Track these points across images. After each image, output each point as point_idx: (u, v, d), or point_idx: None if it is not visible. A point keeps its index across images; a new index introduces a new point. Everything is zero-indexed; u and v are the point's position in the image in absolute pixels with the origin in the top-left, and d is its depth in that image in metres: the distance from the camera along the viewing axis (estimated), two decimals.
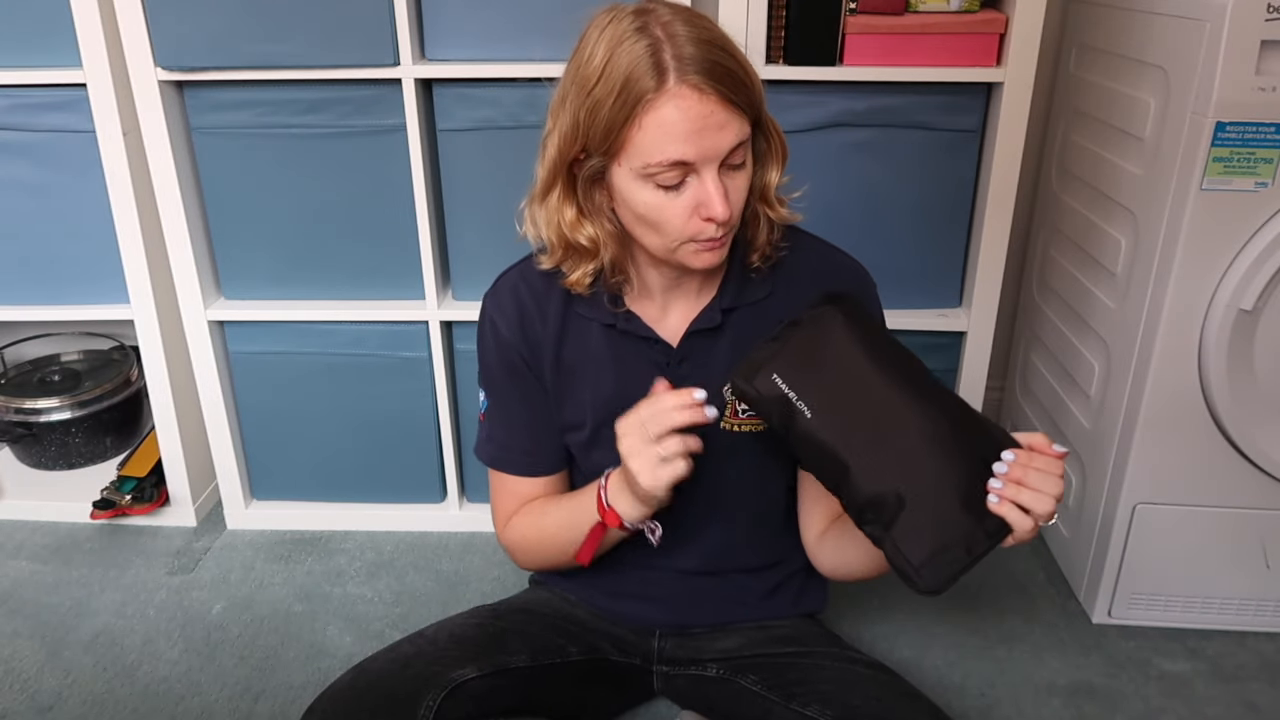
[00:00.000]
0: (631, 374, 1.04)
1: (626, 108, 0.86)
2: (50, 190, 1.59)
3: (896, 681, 1.07)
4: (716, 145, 0.87)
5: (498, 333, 1.07)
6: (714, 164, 0.88)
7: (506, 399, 1.10)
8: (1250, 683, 1.38)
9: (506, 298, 1.06)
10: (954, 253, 1.55)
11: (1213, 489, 1.38)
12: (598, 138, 0.89)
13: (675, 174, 0.88)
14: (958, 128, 1.45)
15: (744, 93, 0.88)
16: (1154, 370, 1.33)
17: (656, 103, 0.85)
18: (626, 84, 0.86)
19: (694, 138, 0.86)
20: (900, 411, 0.89)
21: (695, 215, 0.90)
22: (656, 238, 0.93)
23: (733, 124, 0.87)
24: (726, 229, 0.92)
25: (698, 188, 0.89)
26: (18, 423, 1.83)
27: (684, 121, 0.85)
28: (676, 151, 0.86)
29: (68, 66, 1.47)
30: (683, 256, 0.94)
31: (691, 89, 0.85)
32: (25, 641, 1.48)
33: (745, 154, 0.91)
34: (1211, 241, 1.26)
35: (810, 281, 1.04)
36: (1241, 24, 1.16)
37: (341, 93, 1.47)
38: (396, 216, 1.54)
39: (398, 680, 1.02)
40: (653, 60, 0.85)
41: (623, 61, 0.86)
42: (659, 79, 0.85)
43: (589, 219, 0.96)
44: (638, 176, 0.89)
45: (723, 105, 0.86)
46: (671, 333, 1.04)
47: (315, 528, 1.76)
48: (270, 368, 1.66)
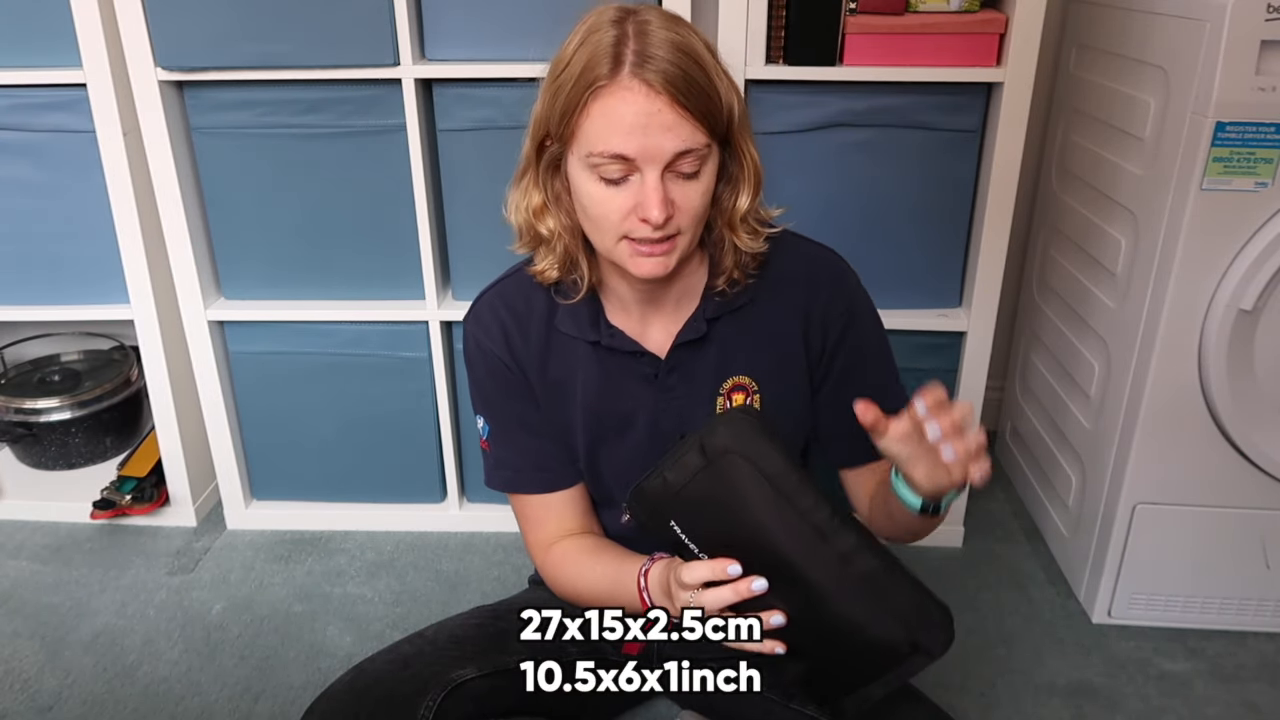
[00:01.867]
0: (620, 388, 1.03)
1: (580, 92, 0.86)
2: (50, 190, 1.59)
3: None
4: (660, 145, 0.85)
5: (485, 351, 1.05)
6: (657, 165, 0.86)
7: (506, 419, 1.08)
8: (1250, 683, 1.38)
9: (488, 317, 1.04)
10: (954, 253, 1.55)
11: (1213, 489, 1.38)
12: (556, 121, 0.89)
13: (617, 168, 0.87)
14: (958, 128, 1.45)
15: (702, 103, 0.86)
16: (1154, 370, 1.33)
17: (605, 91, 0.85)
18: (584, 70, 0.85)
19: (637, 133, 0.84)
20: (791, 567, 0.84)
21: (633, 215, 0.88)
22: (597, 233, 0.92)
23: (681, 129, 0.85)
24: (665, 234, 0.89)
25: (638, 187, 0.87)
26: (18, 423, 1.83)
27: (629, 115, 0.84)
28: (618, 144, 0.85)
29: (68, 66, 1.47)
30: (621, 258, 0.92)
31: (643, 84, 0.84)
32: (25, 641, 1.48)
33: (700, 166, 0.89)
34: (1211, 241, 1.26)
35: (792, 282, 1.03)
36: (1241, 24, 1.16)
37: (341, 93, 1.47)
38: (396, 216, 1.54)
39: (397, 680, 1.02)
40: (614, 51, 0.85)
41: (587, 48, 0.86)
42: (614, 69, 0.84)
43: (551, 209, 0.95)
44: (585, 166, 0.88)
45: (673, 107, 0.84)
46: (655, 346, 1.03)
47: (315, 528, 1.76)
48: (270, 368, 1.66)
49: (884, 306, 1.51)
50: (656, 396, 1.03)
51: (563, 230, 0.96)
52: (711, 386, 1.03)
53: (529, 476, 1.08)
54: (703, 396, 1.03)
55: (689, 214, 0.90)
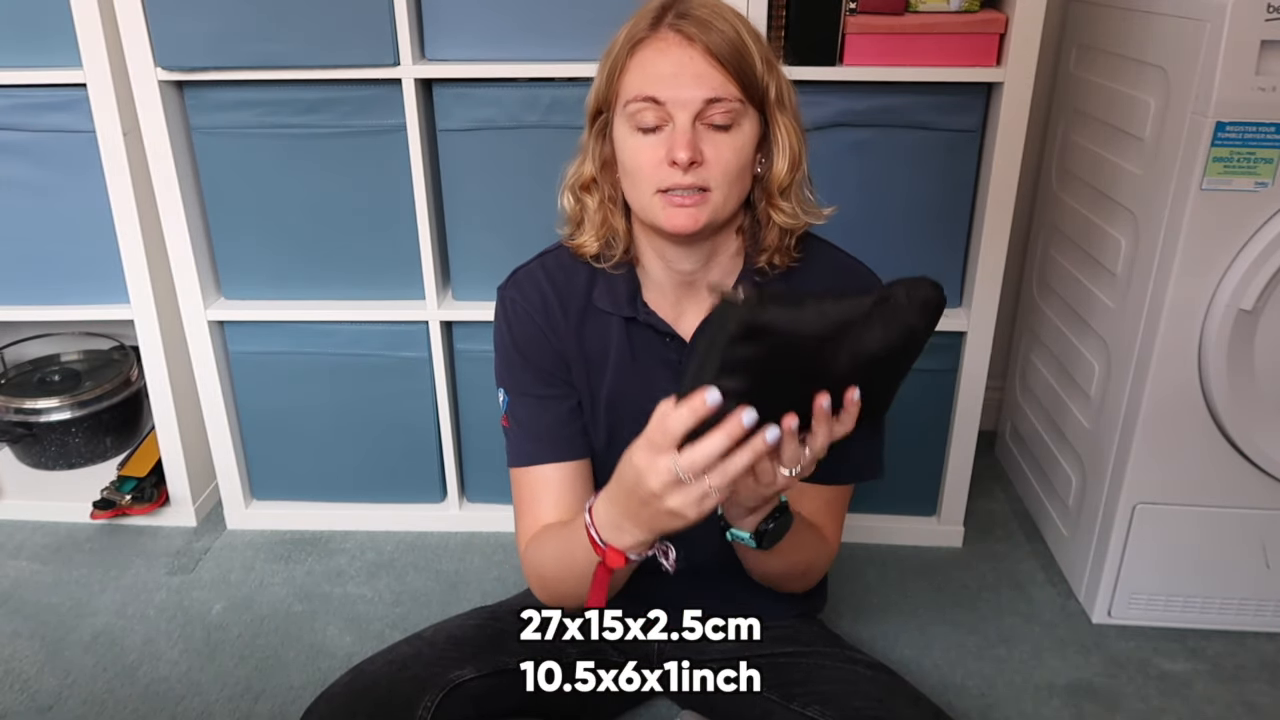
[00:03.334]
0: (644, 370, 1.04)
1: (625, 50, 0.92)
2: (50, 190, 1.59)
3: (897, 682, 1.06)
4: (692, 93, 0.89)
5: (521, 315, 1.05)
6: (688, 111, 0.89)
7: (526, 387, 1.06)
8: (1250, 683, 1.38)
9: (528, 284, 1.06)
10: (954, 253, 1.55)
11: (1213, 489, 1.38)
12: (604, 89, 0.95)
13: (652, 114, 0.90)
14: (958, 128, 1.45)
15: (736, 60, 0.90)
16: (1154, 370, 1.33)
17: (644, 43, 0.91)
18: (630, 33, 0.92)
19: (669, 79, 0.89)
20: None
21: (664, 162, 0.91)
22: (634, 189, 0.95)
23: (713, 78, 0.89)
24: (693, 181, 0.91)
25: (670, 134, 0.91)
26: (18, 423, 1.83)
27: (662, 62, 0.90)
28: (650, 87, 0.90)
29: (68, 66, 1.47)
30: (655, 213, 0.94)
31: (678, 34, 0.90)
32: (25, 641, 1.48)
33: (733, 119, 0.92)
34: (1211, 241, 1.25)
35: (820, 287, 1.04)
36: (1241, 24, 1.16)
37: (341, 93, 1.47)
38: (396, 217, 1.54)
39: (395, 682, 1.02)
40: (656, 13, 0.92)
41: (635, 16, 0.93)
42: (654, 25, 0.91)
43: (598, 181, 0.99)
44: (624, 119, 0.93)
45: (705, 57, 0.89)
46: (685, 330, 1.04)
47: (315, 528, 1.76)
48: (270, 368, 1.66)
49: None
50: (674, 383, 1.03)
51: (605, 199, 1.00)
52: None
53: (547, 447, 1.06)
54: None
55: (720, 167, 0.92)
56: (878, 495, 1.63)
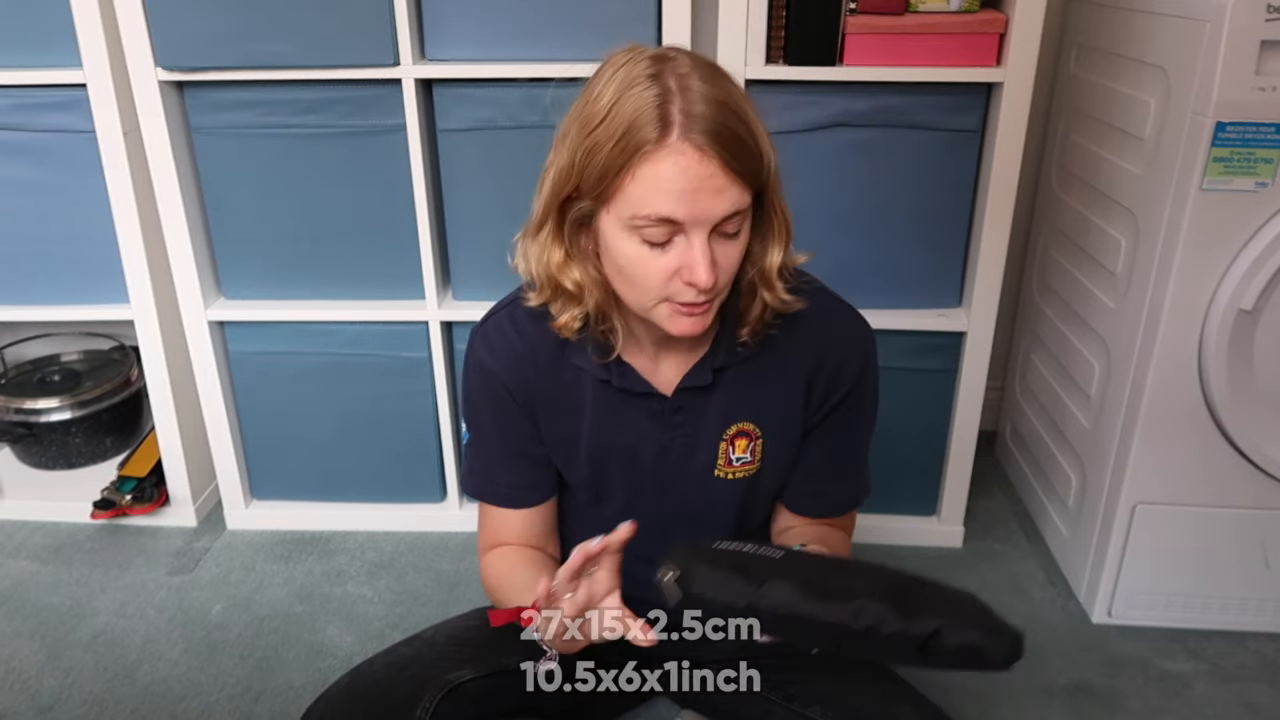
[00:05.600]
0: (627, 424, 1.03)
1: (624, 155, 0.82)
2: (50, 190, 1.59)
3: (897, 682, 1.07)
4: (710, 209, 0.83)
5: (489, 372, 1.03)
6: (705, 228, 0.84)
7: (488, 433, 1.07)
8: (1250, 683, 1.38)
9: (497, 339, 1.03)
10: (954, 253, 1.55)
11: (1213, 489, 1.38)
12: (591, 180, 0.85)
13: (663, 231, 0.84)
14: (958, 128, 1.45)
15: (749, 162, 0.84)
16: (1154, 370, 1.33)
17: (655, 155, 0.82)
18: (628, 131, 0.82)
19: (687, 198, 0.82)
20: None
21: (677, 277, 0.86)
22: (634, 293, 0.90)
23: (731, 191, 0.83)
24: (708, 298, 0.88)
25: (684, 249, 0.85)
26: (18, 423, 1.83)
27: (680, 179, 0.81)
28: (667, 209, 0.82)
29: (68, 66, 1.47)
30: (659, 318, 0.90)
31: (694, 148, 0.81)
32: (25, 641, 1.48)
33: (741, 224, 0.87)
34: (1211, 241, 1.26)
35: (808, 338, 1.01)
36: (1241, 24, 1.16)
37: (341, 93, 1.47)
38: (396, 216, 1.54)
39: (395, 683, 1.01)
40: (659, 111, 0.81)
41: (628, 106, 0.82)
42: (662, 131, 0.81)
43: (576, 262, 0.92)
44: (625, 227, 0.86)
45: (724, 170, 0.82)
46: (665, 383, 1.02)
47: (315, 528, 1.76)
48: (270, 368, 1.66)
49: (884, 306, 1.53)
50: (662, 433, 1.03)
51: (592, 285, 0.93)
52: (716, 430, 1.02)
53: (500, 491, 1.09)
54: (708, 438, 1.03)
55: (728, 273, 0.89)
56: (878, 495, 1.61)
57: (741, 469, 1.05)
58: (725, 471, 1.05)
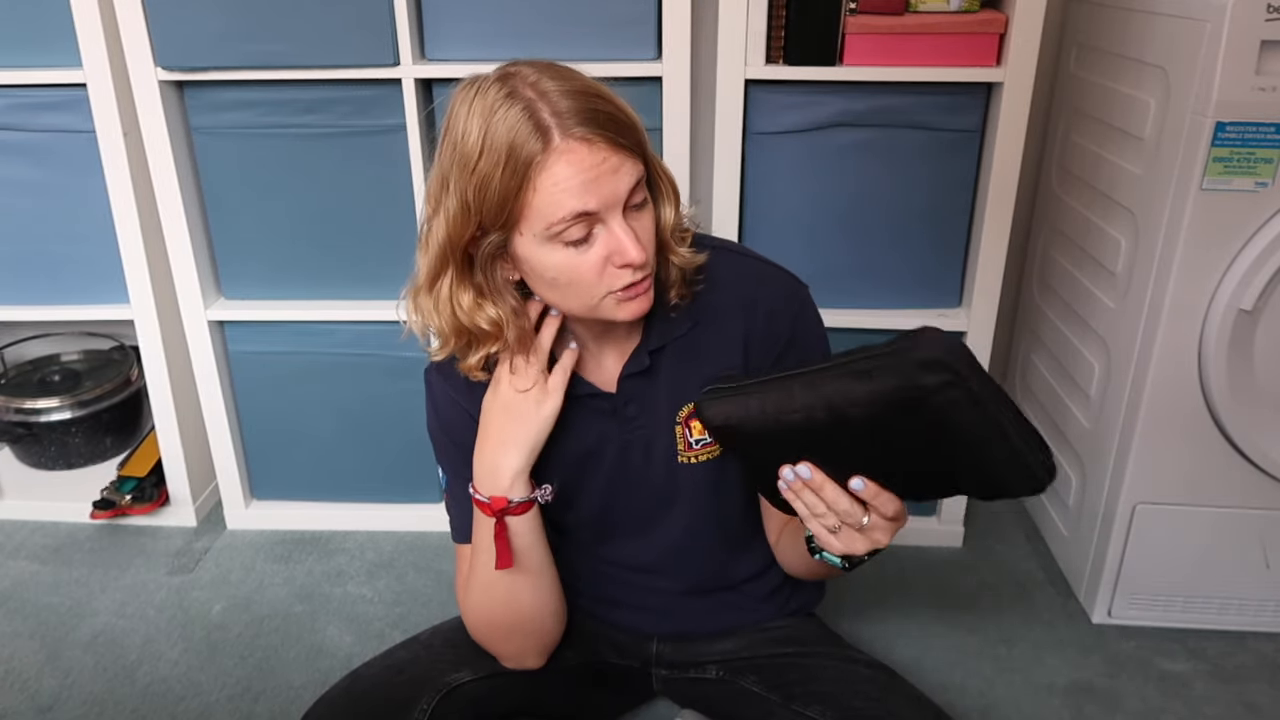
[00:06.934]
0: (584, 427, 1.02)
1: (517, 175, 0.83)
2: (50, 190, 1.59)
3: (897, 682, 1.06)
4: (615, 190, 0.84)
5: (443, 399, 1.04)
6: (617, 209, 0.85)
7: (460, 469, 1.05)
8: (1250, 683, 1.38)
9: (447, 364, 1.02)
10: (954, 253, 1.55)
11: (1213, 489, 1.38)
12: (492, 212, 0.85)
13: (580, 228, 0.85)
14: (958, 128, 1.45)
15: (629, 134, 0.85)
16: (1154, 370, 1.33)
17: (546, 162, 0.82)
18: (511, 151, 0.82)
19: (592, 187, 0.83)
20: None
21: (609, 265, 0.87)
22: (575, 298, 0.90)
23: (626, 165, 0.85)
24: (646, 273, 0.89)
25: (606, 237, 0.86)
26: (18, 423, 1.83)
27: (578, 174, 0.83)
28: (578, 204, 0.83)
29: (68, 66, 1.47)
30: (606, 311, 0.90)
31: (579, 141, 0.82)
32: (25, 641, 1.48)
33: (644, 192, 0.89)
34: (1211, 241, 1.25)
35: (733, 305, 1.01)
36: (1241, 24, 1.16)
37: (341, 93, 1.47)
38: (396, 216, 1.54)
39: (393, 686, 1.02)
40: (532, 122, 0.82)
41: (501, 130, 0.83)
42: (544, 139, 0.82)
43: (489, 299, 0.92)
44: (543, 241, 0.86)
45: (613, 150, 0.84)
46: (609, 381, 1.02)
47: (315, 528, 1.76)
48: (270, 368, 1.66)
49: (884, 306, 1.53)
50: (620, 429, 1.03)
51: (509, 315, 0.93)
52: (669, 414, 1.02)
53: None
54: (663, 425, 1.03)
55: (652, 242, 0.90)
56: None
57: (703, 451, 1.04)
58: (687, 456, 1.04)
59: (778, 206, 1.50)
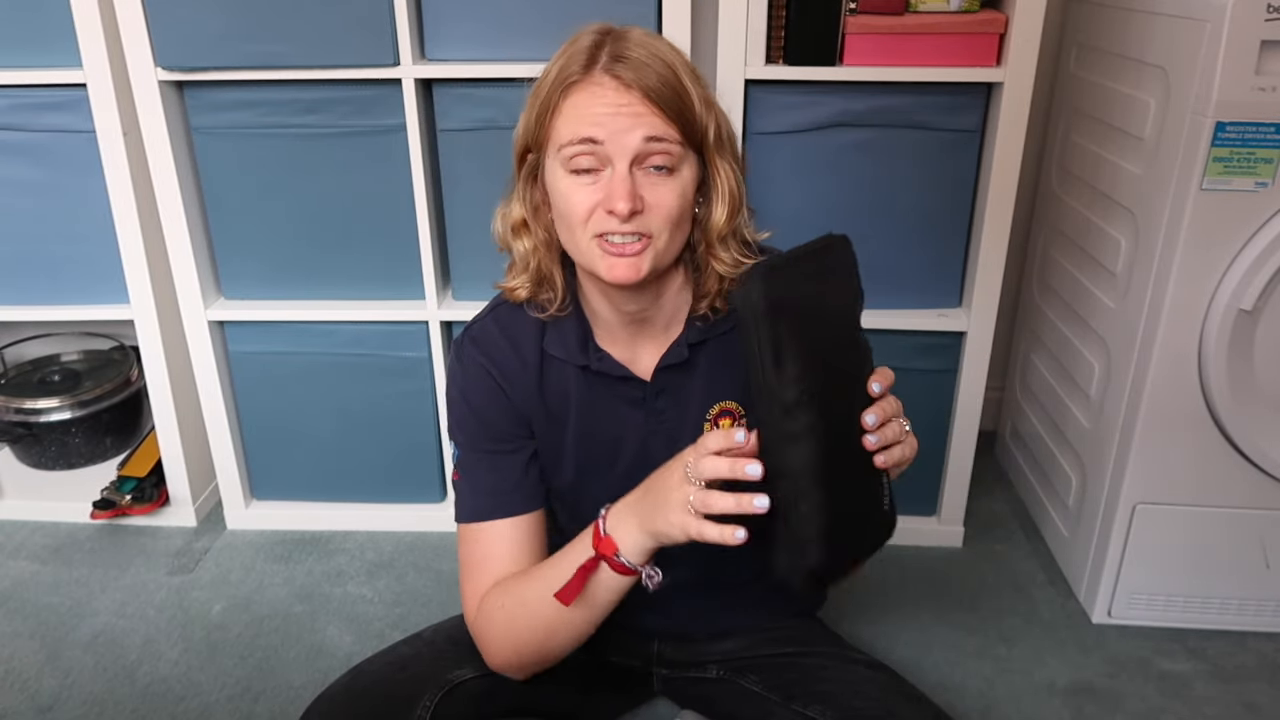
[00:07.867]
0: (610, 412, 1.02)
1: (554, 93, 0.89)
2: (50, 190, 1.59)
3: (897, 682, 1.06)
4: (628, 132, 0.86)
5: (480, 367, 1.02)
6: (626, 156, 0.86)
7: (480, 440, 1.03)
8: (1250, 683, 1.38)
9: (484, 340, 1.03)
10: (954, 253, 1.55)
11: (1213, 489, 1.38)
12: (533, 128, 0.92)
13: (588, 159, 0.87)
14: (958, 128, 1.45)
15: (674, 103, 0.87)
16: (1154, 370, 1.33)
17: (577, 86, 0.88)
18: (560, 72, 0.89)
19: (606, 120, 0.86)
20: None
21: (601, 208, 0.88)
22: (568, 234, 0.92)
23: (652, 120, 0.86)
24: (636, 232, 0.88)
25: (607, 181, 0.88)
26: (18, 423, 1.83)
27: (598, 104, 0.87)
28: (586, 130, 0.86)
29: (68, 66, 1.47)
30: (594, 261, 0.90)
31: (613, 78, 0.87)
32: (25, 641, 1.48)
33: (673, 164, 0.88)
34: (1211, 241, 1.26)
35: None
36: (1241, 24, 1.16)
37: (341, 93, 1.47)
38: (396, 216, 1.54)
39: (394, 682, 1.02)
40: (589, 53, 0.88)
41: (565, 56, 0.90)
42: (587, 67, 0.88)
43: (530, 224, 0.97)
44: (558, 163, 0.90)
45: (644, 101, 0.86)
46: (643, 370, 1.02)
47: (315, 528, 1.76)
48: (270, 368, 1.66)
49: (884, 306, 1.53)
50: (645, 420, 1.03)
51: (539, 244, 0.97)
52: (699, 411, 1.02)
53: (501, 501, 1.02)
54: (691, 421, 1.02)
55: (661, 213, 0.89)
56: None
57: None
58: None
59: (778, 206, 1.50)
